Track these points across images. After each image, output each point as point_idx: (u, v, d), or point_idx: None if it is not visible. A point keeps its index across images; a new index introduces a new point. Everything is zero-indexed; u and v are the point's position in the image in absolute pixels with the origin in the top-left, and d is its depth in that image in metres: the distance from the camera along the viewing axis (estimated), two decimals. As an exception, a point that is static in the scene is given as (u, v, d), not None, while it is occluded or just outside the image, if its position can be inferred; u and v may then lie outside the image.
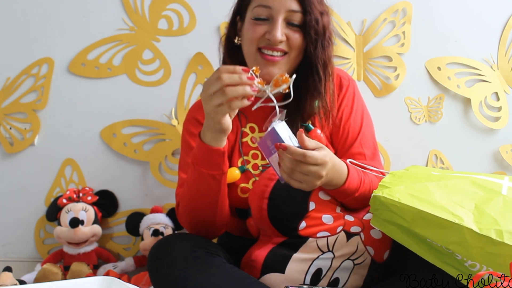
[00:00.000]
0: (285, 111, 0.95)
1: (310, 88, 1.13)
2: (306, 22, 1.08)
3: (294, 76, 0.96)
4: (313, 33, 1.09)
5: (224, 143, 1.01)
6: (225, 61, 1.21)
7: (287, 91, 0.96)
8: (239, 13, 1.17)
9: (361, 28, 1.63)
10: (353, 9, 1.63)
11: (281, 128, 0.93)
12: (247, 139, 1.20)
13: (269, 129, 0.94)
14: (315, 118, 1.16)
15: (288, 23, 1.09)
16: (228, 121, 0.97)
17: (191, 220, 1.10)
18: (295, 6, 1.08)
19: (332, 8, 1.59)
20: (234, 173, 1.14)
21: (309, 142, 0.93)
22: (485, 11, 1.62)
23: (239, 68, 0.90)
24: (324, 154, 0.92)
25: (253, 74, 0.91)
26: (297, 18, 1.08)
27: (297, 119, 1.13)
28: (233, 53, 1.18)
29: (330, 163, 0.93)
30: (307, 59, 1.12)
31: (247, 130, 1.20)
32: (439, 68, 1.62)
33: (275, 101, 0.94)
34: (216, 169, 1.02)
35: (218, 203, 1.06)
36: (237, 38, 1.17)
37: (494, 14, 1.63)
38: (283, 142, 0.92)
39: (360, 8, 1.63)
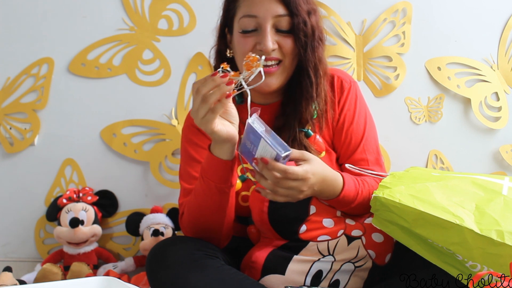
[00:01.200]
0: (260, 109, 0.93)
1: (304, 92, 1.11)
2: (295, 25, 1.06)
3: (263, 57, 0.94)
4: (302, 36, 1.06)
5: (232, 155, 0.99)
6: None
7: (261, 70, 0.94)
8: (226, 25, 1.15)
9: (361, 28, 1.63)
10: (353, 9, 1.62)
11: (256, 124, 0.91)
12: None
13: (245, 128, 0.91)
14: (314, 123, 1.14)
15: (277, 30, 1.06)
16: (225, 129, 0.94)
17: (196, 231, 1.08)
18: (281, 10, 1.05)
19: (331, 8, 1.61)
20: None
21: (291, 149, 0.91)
22: (485, 11, 1.62)
23: (208, 75, 0.90)
24: (305, 170, 0.91)
25: (224, 71, 0.91)
26: (285, 22, 1.06)
27: (295, 124, 1.11)
28: None
29: (313, 179, 0.93)
30: (298, 63, 1.10)
31: None
32: (439, 68, 1.62)
33: (245, 85, 0.92)
34: (224, 181, 1.00)
35: (226, 215, 1.04)
36: (228, 50, 1.14)
37: (494, 14, 1.62)
38: (261, 136, 0.89)
39: (360, 8, 1.62)
